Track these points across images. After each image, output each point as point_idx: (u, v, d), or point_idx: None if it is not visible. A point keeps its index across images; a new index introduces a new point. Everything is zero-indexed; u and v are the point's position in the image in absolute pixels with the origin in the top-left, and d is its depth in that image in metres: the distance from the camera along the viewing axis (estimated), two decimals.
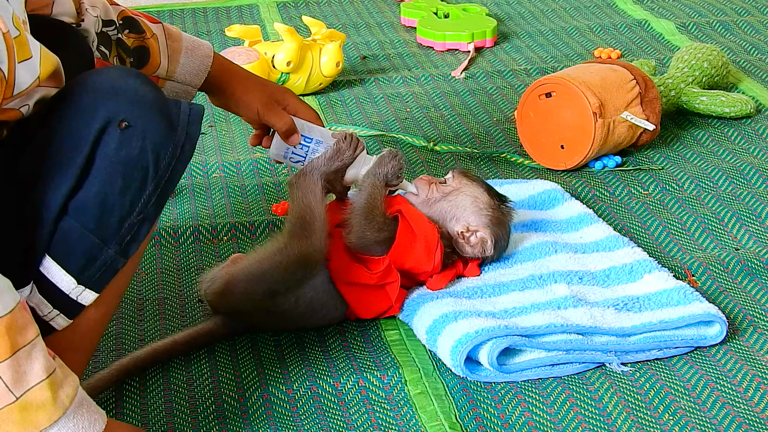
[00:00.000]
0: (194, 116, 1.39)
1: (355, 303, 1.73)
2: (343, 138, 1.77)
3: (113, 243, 1.35)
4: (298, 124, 1.77)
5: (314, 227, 1.68)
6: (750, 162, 2.28)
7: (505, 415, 1.54)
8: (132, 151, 1.33)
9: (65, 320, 1.37)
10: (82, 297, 1.36)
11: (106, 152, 1.32)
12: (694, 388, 1.58)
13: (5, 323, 1.16)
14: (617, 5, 3.43)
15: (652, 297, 1.74)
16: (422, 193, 1.84)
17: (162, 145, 1.35)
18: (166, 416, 1.56)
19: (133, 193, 1.34)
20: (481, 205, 1.83)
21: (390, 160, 1.78)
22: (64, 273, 1.34)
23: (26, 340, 1.19)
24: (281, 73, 2.67)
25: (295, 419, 1.55)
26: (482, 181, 1.88)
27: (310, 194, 1.71)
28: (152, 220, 1.38)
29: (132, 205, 1.35)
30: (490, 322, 1.64)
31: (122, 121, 1.32)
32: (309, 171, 1.74)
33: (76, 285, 1.35)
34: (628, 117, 2.25)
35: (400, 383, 1.62)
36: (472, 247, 1.81)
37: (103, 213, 1.33)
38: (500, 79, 2.84)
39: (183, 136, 1.37)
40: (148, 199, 1.36)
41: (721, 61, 2.60)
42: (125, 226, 1.35)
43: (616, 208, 2.12)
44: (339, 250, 1.74)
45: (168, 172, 1.36)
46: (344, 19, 3.39)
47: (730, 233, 2.02)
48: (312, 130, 1.78)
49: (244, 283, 1.68)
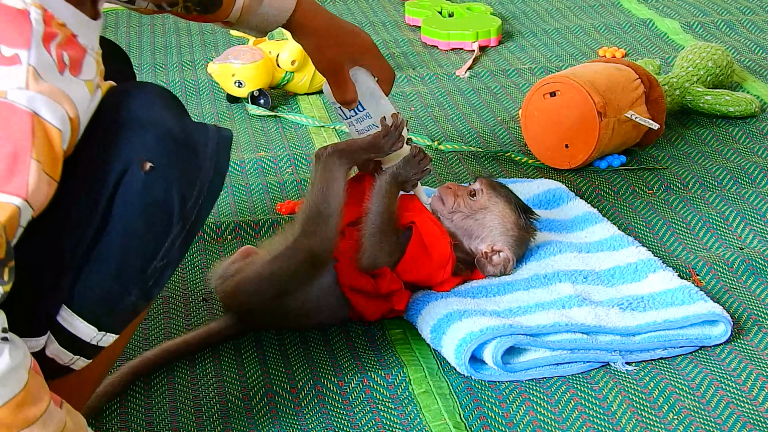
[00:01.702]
0: (222, 144, 1.28)
1: (360, 307, 1.73)
2: (386, 133, 1.72)
3: (136, 289, 1.26)
4: (364, 88, 1.73)
5: (328, 224, 1.65)
6: (755, 161, 2.27)
7: (510, 414, 1.54)
8: (157, 195, 1.22)
9: (85, 361, 1.31)
10: (103, 341, 1.29)
11: (128, 196, 1.22)
12: (699, 387, 1.58)
13: (20, 399, 1.11)
14: (622, 4, 3.42)
15: (656, 296, 1.74)
16: (448, 203, 1.82)
17: (188, 185, 1.25)
18: (171, 415, 1.56)
19: (157, 237, 1.25)
20: (509, 225, 1.81)
21: (415, 164, 1.75)
22: (85, 324, 1.26)
23: (41, 410, 1.14)
24: (285, 71, 2.67)
25: (299, 418, 1.55)
26: (509, 194, 1.85)
27: (332, 185, 1.66)
28: (177, 262, 1.28)
29: (156, 250, 1.25)
30: (495, 321, 1.64)
31: (146, 161, 1.21)
32: (340, 155, 1.68)
33: (98, 332, 1.27)
34: (632, 116, 2.25)
35: (404, 382, 1.62)
36: (494, 266, 1.80)
37: (125, 261, 1.24)
38: (504, 78, 2.84)
39: (210, 171, 1.26)
40: (172, 243, 1.26)
41: (725, 60, 2.60)
42: (149, 271, 1.26)
43: (620, 208, 2.12)
44: (348, 252, 1.72)
45: (194, 211, 1.26)
46: (349, 18, 3.39)
47: (734, 233, 2.02)
48: (368, 101, 1.74)
49: (255, 284, 1.67)
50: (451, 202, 1.82)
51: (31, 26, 1.11)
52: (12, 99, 1.08)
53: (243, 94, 2.65)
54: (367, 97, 1.74)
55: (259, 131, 2.54)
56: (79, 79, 1.16)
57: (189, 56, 3.04)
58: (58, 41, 1.13)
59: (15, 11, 1.11)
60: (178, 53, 3.07)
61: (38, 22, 1.11)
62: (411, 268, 1.73)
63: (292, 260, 1.65)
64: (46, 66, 1.11)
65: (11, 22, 1.10)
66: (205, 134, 1.27)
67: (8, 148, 1.08)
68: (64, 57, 1.14)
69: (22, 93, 1.09)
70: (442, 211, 1.82)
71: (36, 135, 1.09)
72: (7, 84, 1.08)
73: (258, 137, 2.50)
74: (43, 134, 1.10)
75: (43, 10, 1.12)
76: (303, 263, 1.65)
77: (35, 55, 1.10)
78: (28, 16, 1.11)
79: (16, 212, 1.08)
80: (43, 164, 1.10)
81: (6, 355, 1.10)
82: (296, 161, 2.35)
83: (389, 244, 1.72)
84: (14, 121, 1.08)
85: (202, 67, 2.94)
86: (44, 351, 1.26)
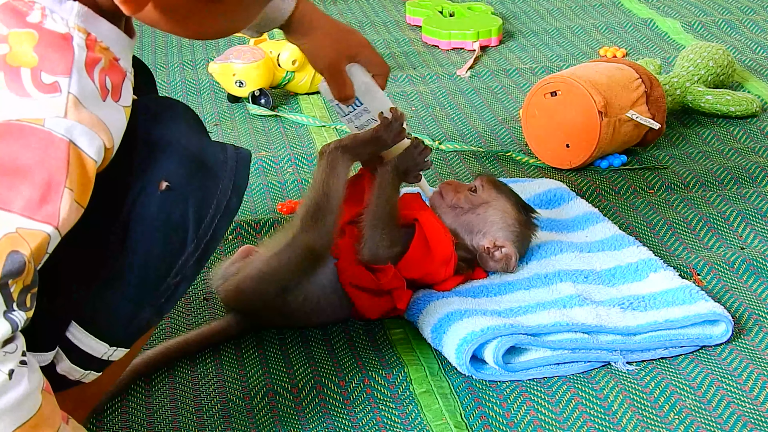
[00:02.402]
0: (241, 163, 1.27)
1: (361, 304, 1.73)
2: (387, 125, 1.73)
3: (148, 306, 1.25)
4: (360, 83, 1.75)
5: (325, 220, 1.65)
6: (756, 161, 2.27)
7: (511, 414, 1.54)
8: (173, 215, 1.22)
9: (95, 375, 1.30)
10: (114, 356, 1.28)
11: (144, 215, 1.21)
12: (700, 387, 1.58)
13: (34, 422, 1.10)
14: (623, 4, 3.42)
15: (657, 296, 1.74)
16: (447, 198, 1.83)
17: (204, 204, 1.24)
18: (172, 415, 1.56)
19: (172, 255, 1.24)
20: (510, 221, 1.81)
21: (416, 156, 1.76)
22: (96, 341, 1.25)
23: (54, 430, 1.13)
24: (286, 71, 2.67)
25: (300, 418, 1.55)
26: (510, 191, 1.85)
27: (333, 180, 1.66)
28: (191, 279, 1.27)
29: (170, 268, 1.24)
30: (496, 320, 1.64)
31: (162, 180, 1.21)
32: (342, 151, 1.69)
33: (109, 348, 1.26)
34: (633, 116, 2.25)
35: (405, 382, 1.62)
36: (496, 262, 1.80)
37: (138, 278, 1.23)
38: (505, 77, 2.84)
39: (229, 190, 1.26)
40: (186, 260, 1.24)
41: (726, 59, 2.60)
42: (162, 288, 1.25)
43: (621, 207, 2.12)
44: (349, 251, 1.73)
45: (210, 230, 1.24)
46: (349, 18, 3.39)
47: (735, 232, 2.02)
48: (365, 96, 1.76)
49: (256, 281, 1.67)
50: (450, 197, 1.82)
51: (72, 52, 1.09)
52: (50, 127, 1.07)
53: (244, 94, 2.65)
54: (364, 91, 1.76)
55: (260, 131, 2.54)
56: (119, 105, 1.15)
57: (190, 56, 3.04)
58: (102, 66, 1.12)
59: (58, 36, 1.09)
60: (178, 53, 3.07)
61: (81, 48, 1.10)
62: (413, 265, 1.73)
63: (291, 256, 1.66)
64: (87, 93, 1.09)
65: (53, 47, 1.08)
66: (224, 153, 1.27)
67: (43, 176, 1.07)
68: (107, 83, 1.13)
69: (60, 122, 1.07)
70: (441, 205, 1.82)
71: (71, 164, 1.08)
72: (46, 112, 1.07)
73: (259, 137, 2.50)
74: (78, 163, 1.09)
75: (86, 33, 1.11)
76: (302, 258, 1.66)
77: (76, 82, 1.09)
78: (71, 42, 1.09)
79: (46, 240, 1.07)
80: (75, 193, 1.09)
81: (25, 381, 1.09)
82: (297, 161, 2.35)
83: (390, 236, 1.72)
84: (51, 150, 1.07)
85: (203, 66, 2.94)
86: (54, 368, 1.25)
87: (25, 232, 1.06)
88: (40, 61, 1.08)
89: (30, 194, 1.06)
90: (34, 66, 1.07)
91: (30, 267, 1.07)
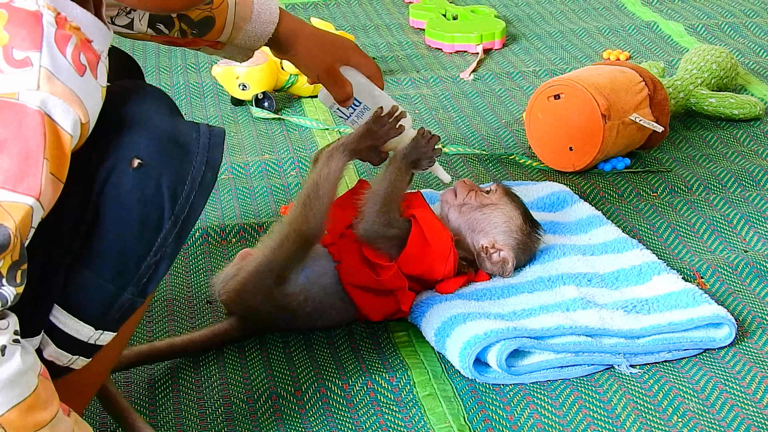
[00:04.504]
0: (215, 140, 1.28)
1: (363, 306, 1.73)
2: (376, 118, 1.75)
3: (130, 286, 1.26)
4: (356, 84, 1.77)
5: (314, 207, 1.66)
6: (759, 164, 2.27)
7: (514, 417, 1.54)
8: (147, 191, 1.22)
9: (85, 360, 1.30)
10: (101, 340, 1.28)
11: (118, 194, 1.22)
12: (703, 390, 1.58)
13: (29, 403, 1.11)
14: (626, 7, 3.43)
15: (660, 299, 1.74)
16: (460, 196, 1.85)
17: (179, 180, 1.24)
18: (175, 417, 1.56)
19: (149, 233, 1.24)
20: (513, 227, 1.83)
21: (425, 144, 1.77)
22: (82, 324, 1.26)
23: (50, 415, 1.14)
24: (290, 74, 2.67)
25: (303, 420, 1.55)
26: (521, 203, 1.87)
27: (324, 171, 1.68)
28: (171, 257, 1.27)
29: (148, 246, 1.25)
30: (499, 324, 1.64)
31: (134, 158, 1.22)
32: (337, 146, 1.72)
33: (95, 331, 1.27)
34: (636, 119, 2.25)
35: (408, 385, 1.62)
36: (493, 264, 1.81)
37: (118, 259, 1.24)
38: (509, 80, 2.84)
39: (203, 166, 1.26)
40: (165, 238, 1.25)
41: (729, 62, 2.60)
42: (142, 267, 1.25)
43: (624, 210, 2.12)
44: (350, 253, 1.74)
45: (187, 207, 1.25)
46: (353, 21, 3.39)
47: (738, 235, 2.02)
48: (364, 95, 1.78)
49: (255, 276, 1.68)
50: (463, 195, 1.85)
51: (42, 28, 1.11)
52: (24, 100, 1.09)
53: (247, 97, 2.65)
54: (361, 90, 1.78)
55: (264, 134, 2.54)
56: (97, 83, 1.16)
57: (193, 59, 3.04)
58: (74, 43, 1.13)
59: (27, 13, 1.11)
60: (182, 56, 3.08)
61: (50, 24, 1.11)
62: (413, 260, 1.74)
63: (283, 242, 1.67)
64: (60, 67, 1.11)
65: (23, 24, 1.10)
66: (196, 131, 1.28)
67: (20, 148, 1.08)
68: (81, 59, 1.14)
69: (33, 94, 1.09)
70: (453, 202, 1.84)
71: (47, 136, 1.09)
72: (20, 86, 1.09)
73: (262, 140, 2.50)
74: (54, 135, 1.10)
75: (56, 12, 1.12)
76: (292, 242, 1.67)
77: (47, 55, 1.10)
78: (40, 19, 1.11)
79: (29, 212, 1.08)
80: (51, 164, 1.10)
81: (17, 358, 1.10)
82: (300, 164, 2.35)
83: (386, 216, 1.74)
84: (26, 122, 1.08)
85: (207, 69, 2.94)
86: (42, 354, 1.25)
87: (7, 205, 1.07)
88: (11, 39, 1.09)
89: (9, 166, 1.08)
90: (5, 44, 1.09)
91: (16, 241, 1.07)
